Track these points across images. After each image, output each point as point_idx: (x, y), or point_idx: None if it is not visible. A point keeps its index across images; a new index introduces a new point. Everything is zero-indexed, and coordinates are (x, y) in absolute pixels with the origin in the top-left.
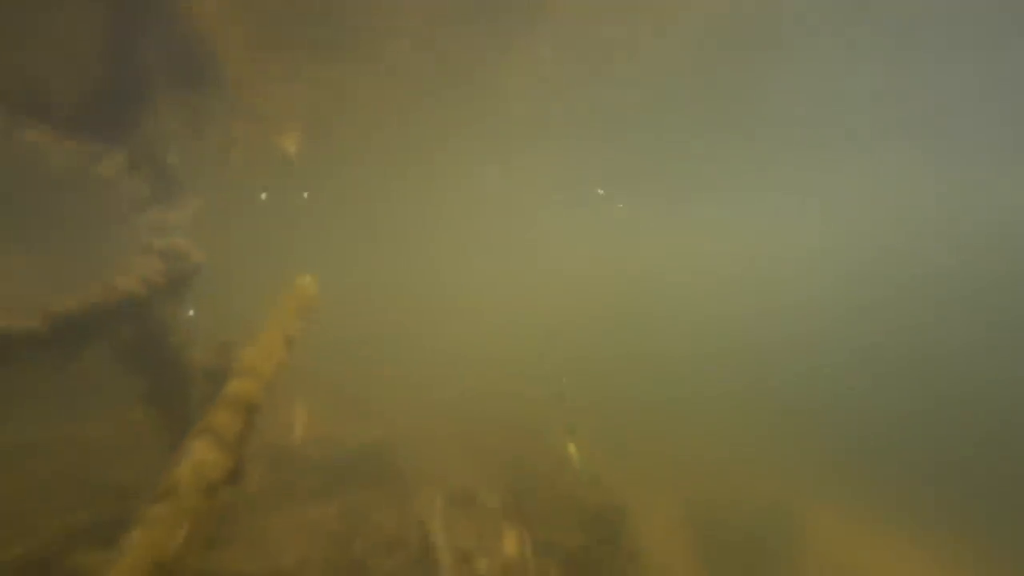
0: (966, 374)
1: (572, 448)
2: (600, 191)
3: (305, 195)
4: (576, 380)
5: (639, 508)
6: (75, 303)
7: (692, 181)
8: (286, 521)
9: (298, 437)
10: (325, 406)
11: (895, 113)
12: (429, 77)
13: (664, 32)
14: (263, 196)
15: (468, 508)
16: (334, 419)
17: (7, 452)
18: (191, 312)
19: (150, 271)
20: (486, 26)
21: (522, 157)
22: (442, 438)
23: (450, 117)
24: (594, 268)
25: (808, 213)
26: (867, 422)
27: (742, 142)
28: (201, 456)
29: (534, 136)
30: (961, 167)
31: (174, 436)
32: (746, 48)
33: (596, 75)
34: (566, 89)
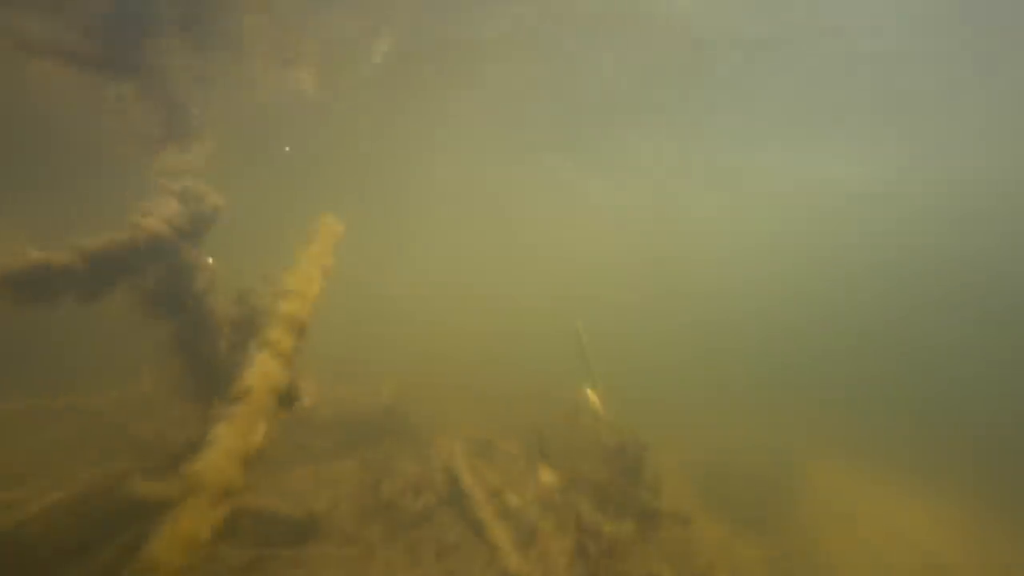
0: (952, 337)
1: (590, 391)
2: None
3: (287, 149)
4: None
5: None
6: (106, 241)
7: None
8: (309, 475)
9: (308, 399)
10: (333, 367)
11: None
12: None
13: None
14: (287, 149)
15: (488, 453)
16: (342, 380)
17: (29, 416)
18: (210, 259)
19: (171, 213)
20: None
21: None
22: (456, 392)
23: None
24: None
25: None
26: (863, 380)
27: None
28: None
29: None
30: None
31: (201, 385)
32: None
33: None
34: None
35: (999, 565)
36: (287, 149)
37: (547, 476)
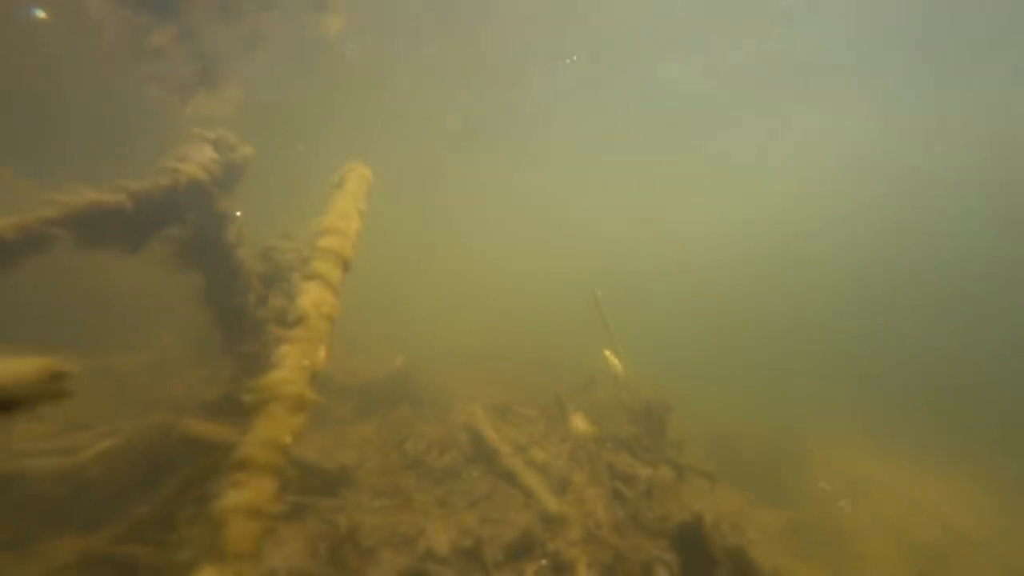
0: (959, 320)
1: (609, 354)
2: None
3: (301, 147)
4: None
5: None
6: (151, 184)
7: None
8: (331, 438)
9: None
10: (344, 342)
11: None
12: None
13: None
14: (300, 148)
15: (508, 416)
16: (355, 354)
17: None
18: (238, 212)
19: (207, 159)
20: None
21: None
22: (471, 362)
23: None
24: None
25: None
26: (866, 362)
27: None
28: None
29: None
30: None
31: (231, 337)
32: None
33: None
34: None
35: (1014, 531)
36: (301, 148)
37: (581, 424)
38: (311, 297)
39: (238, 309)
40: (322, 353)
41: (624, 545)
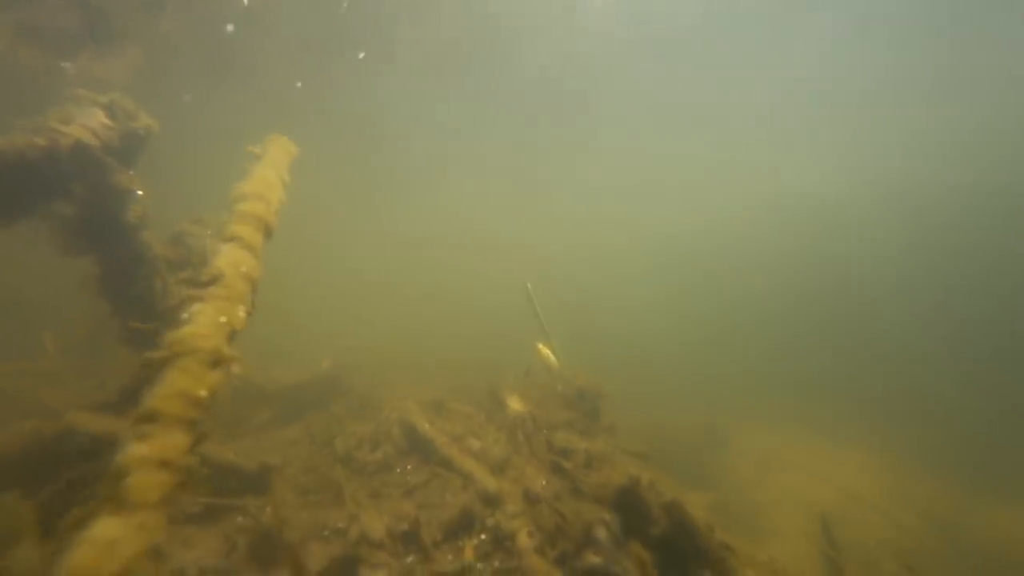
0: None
1: (542, 346)
2: None
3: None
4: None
5: None
6: (21, 143)
7: None
8: (256, 443)
9: (237, 367)
10: (270, 349)
11: None
12: None
13: None
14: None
15: (442, 412)
16: (281, 360)
17: None
18: (139, 192)
19: (98, 124)
20: None
21: None
22: (402, 361)
23: None
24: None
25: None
26: (775, 360)
27: None
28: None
29: None
30: None
31: (131, 331)
32: None
33: None
34: None
35: (901, 494)
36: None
37: (516, 403)
38: (228, 257)
39: (140, 298)
40: (242, 312)
41: (565, 511)
